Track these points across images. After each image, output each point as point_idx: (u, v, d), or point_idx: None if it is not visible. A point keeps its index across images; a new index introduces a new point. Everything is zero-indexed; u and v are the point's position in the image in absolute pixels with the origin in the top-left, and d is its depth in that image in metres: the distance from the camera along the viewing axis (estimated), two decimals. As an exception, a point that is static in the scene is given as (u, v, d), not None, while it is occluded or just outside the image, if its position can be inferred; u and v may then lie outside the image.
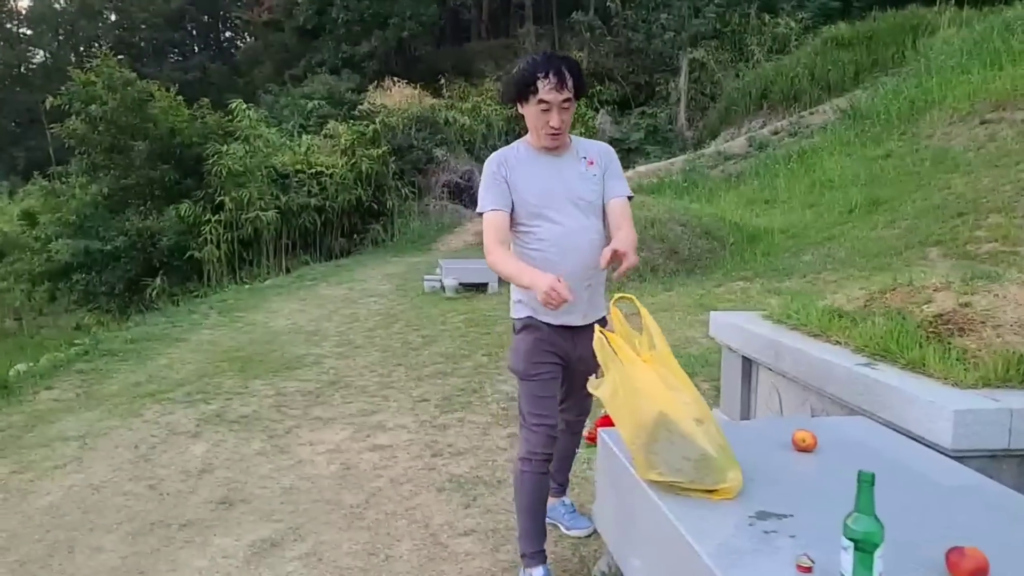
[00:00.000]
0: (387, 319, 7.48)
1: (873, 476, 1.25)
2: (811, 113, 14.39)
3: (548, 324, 2.30)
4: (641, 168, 15.98)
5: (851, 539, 1.25)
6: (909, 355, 2.36)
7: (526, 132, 2.36)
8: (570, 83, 2.17)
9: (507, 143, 2.51)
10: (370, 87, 19.89)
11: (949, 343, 2.36)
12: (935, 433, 1.99)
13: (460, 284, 8.64)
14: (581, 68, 2.25)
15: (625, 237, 2.15)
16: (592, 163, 2.32)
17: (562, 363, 2.36)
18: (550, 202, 2.27)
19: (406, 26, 23.37)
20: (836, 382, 2.44)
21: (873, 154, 10.01)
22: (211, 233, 13.15)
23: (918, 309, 2.61)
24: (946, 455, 1.95)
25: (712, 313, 3.47)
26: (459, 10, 28.01)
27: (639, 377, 1.69)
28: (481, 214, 2.28)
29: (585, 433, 2.72)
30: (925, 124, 10.09)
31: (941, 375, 2.22)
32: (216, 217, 13.27)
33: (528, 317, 2.33)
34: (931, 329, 2.46)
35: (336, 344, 6.38)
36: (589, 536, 2.67)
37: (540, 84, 2.16)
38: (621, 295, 1.89)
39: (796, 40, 18.39)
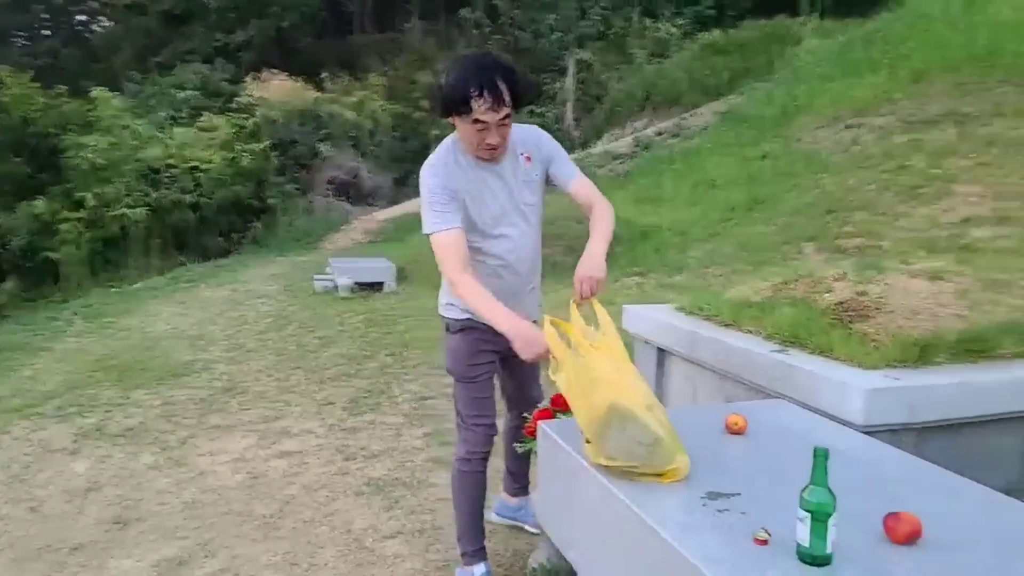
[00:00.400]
0: (278, 321, 7.19)
1: (827, 451, 1.34)
2: (692, 115, 15.14)
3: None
4: (531, 167, 16.22)
5: (807, 510, 1.33)
6: (817, 341, 2.54)
7: (416, 131, 2.24)
8: (507, 98, 1.97)
9: (395, 139, 2.40)
10: (247, 78, 19.07)
11: (850, 328, 2.56)
12: (848, 412, 2.16)
13: (355, 283, 8.44)
14: (516, 74, 2.02)
15: (593, 247, 2.15)
16: (530, 158, 2.20)
17: (499, 357, 2.35)
18: (503, 220, 2.19)
19: (285, 16, 22.58)
20: (753, 368, 2.59)
21: (751, 155, 10.66)
22: (70, 232, 12.15)
23: (820, 298, 2.82)
24: (857, 431, 2.11)
25: (625, 306, 3.58)
26: (342, 1, 27.33)
27: (593, 366, 1.73)
28: (429, 234, 2.08)
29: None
30: (796, 128, 10.86)
31: (847, 358, 2.41)
32: (76, 215, 12.27)
33: (467, 319, 2.27)
34: (834, 316, 2.66)
35: (226, 349, 6.07)
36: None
37: (474, 104, 1.94)
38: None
39: (676, 45, 19.31)
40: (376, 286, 8.58)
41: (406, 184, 16.25)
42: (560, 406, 2.34)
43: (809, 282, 2.99)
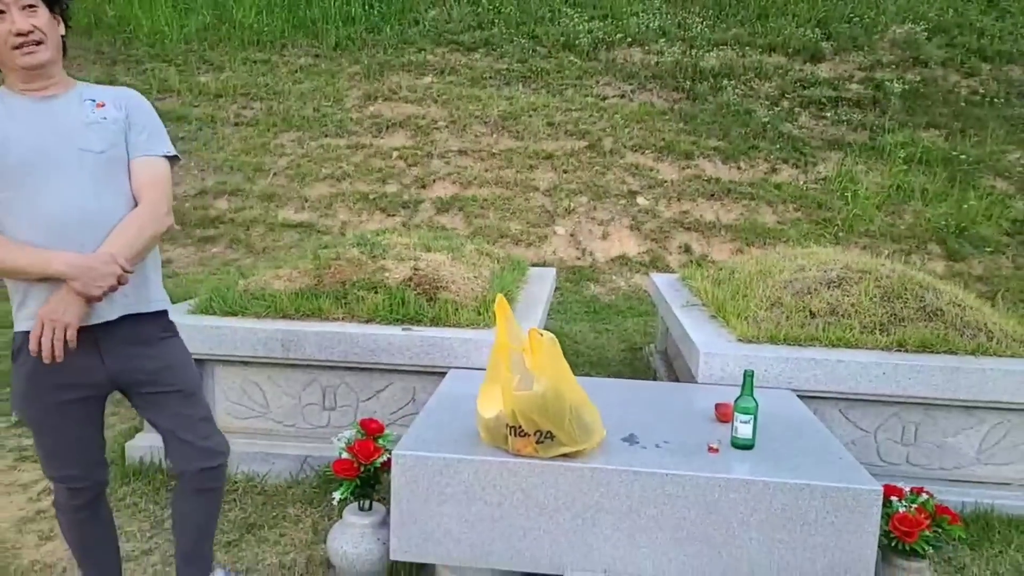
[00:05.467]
0: None
1: (753, 372, 2.09)
2: None
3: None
4: None
5: (747, 412, 2.07)
6: (431, 315, 3.00)
7: None
8: None
9: None
10: None
11: (438, 298, 3.11)
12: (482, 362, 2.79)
13: None
14: None
15: (121, 232, 1.74)
16: (103, 105, 1.78)
17: (94, 390, 1.82)
18: (41, 164, 1.68)
19: None
20: (393, 351, 2.83)
21: None
22: None
23: (387, 278, 3.19)
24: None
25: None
26: None
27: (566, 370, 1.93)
28: None
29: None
30: None
31: (469, 324, 2.98)
32: None
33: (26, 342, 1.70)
34: (417, 292, 3.13)
35: None
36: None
37: None
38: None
39: None
40: None
41: None
42: (374, 431, 2.12)
43: (351, 267, 3.27)
